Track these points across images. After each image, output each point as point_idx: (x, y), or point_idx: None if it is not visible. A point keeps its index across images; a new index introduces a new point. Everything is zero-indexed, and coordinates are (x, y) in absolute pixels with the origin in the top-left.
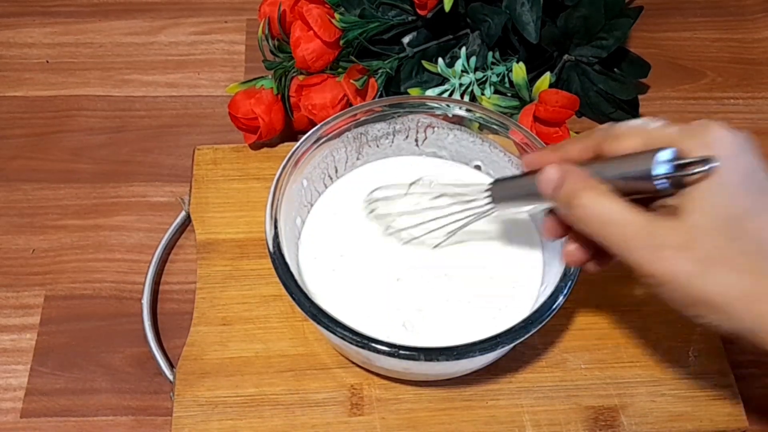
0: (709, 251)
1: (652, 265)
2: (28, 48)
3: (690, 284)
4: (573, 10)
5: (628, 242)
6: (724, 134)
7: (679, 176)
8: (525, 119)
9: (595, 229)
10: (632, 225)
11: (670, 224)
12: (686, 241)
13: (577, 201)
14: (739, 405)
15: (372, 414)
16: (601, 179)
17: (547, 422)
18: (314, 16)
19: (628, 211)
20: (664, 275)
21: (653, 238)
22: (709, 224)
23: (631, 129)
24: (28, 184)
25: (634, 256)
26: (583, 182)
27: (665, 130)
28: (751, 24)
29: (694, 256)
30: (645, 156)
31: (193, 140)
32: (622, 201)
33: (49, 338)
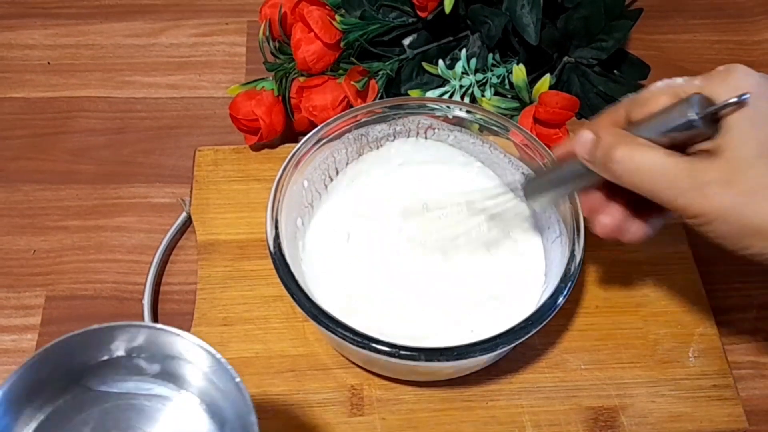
0: (753, 181)
1: (699, 204)
2: (30, 49)
3: (739, 216)
4: (573, 12)
5: (673, 187)
6: (747, 73)
7: (715, 112)
8: (525, 121)
9: (638, 181)
10: (674, 169)
11: (711, 162)
12: (729, 175)
13: (615, 156)
14: (739, 405)
15: (372, 414)
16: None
17: (547, 423)
18: (315, 17)
19: (667, 157)
20: (712, 212)
21: (697, 177)
22: (749, 155)
23: (657, 90)
24: (29, 185)
25: (680, 199)
26: (618, 137)
27: (691, 83)
28: (750, 26)
29: (740, 188)
30: (678, 106)
31: (194, 141)
32: (659, 149)
33: (50, 339)
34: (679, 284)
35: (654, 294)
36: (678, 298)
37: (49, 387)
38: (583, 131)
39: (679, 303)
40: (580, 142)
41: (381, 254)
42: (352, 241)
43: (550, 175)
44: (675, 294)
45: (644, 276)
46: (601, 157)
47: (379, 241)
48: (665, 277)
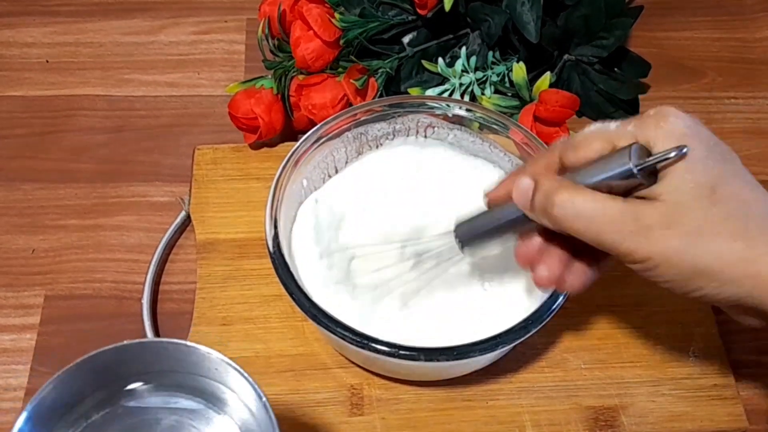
0: (695, 222)
1: (644, 248)
2: (28, 47)
3: (684, 259)
4: (573, 10)
5: (617, 230)
6: (678, 116)
7: (653, 165)
8: (525, 119)
9: (580, 226)
10: (617, 213)
11: (653, 206)
12: (672, 219)
13: (555, 201)
14: (739, 405)
15: (372, 414)
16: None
17: (547, 422)
18: (314, 15)
19: (609, 201)
20: (657, 255)
21: (640, 221)
22: (689, 198)
23: (590, 135)
24: (28, 183)
25: (625, 244)
26: (557, 182)
27: (624, 128)
28: (751, 23)
29: (683, 231)
30: (616, 155)
31: (193, 140)
32: (601, 194)
33: (49, 338)
34: None
35: (654, 293)
36: (679, 297)
37: (80, 402)
38: (521, 178)
39: (679, 302)
40: (518, 190)
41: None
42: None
43: (484, 219)
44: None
45: None
46: (541, 202)
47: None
48: None
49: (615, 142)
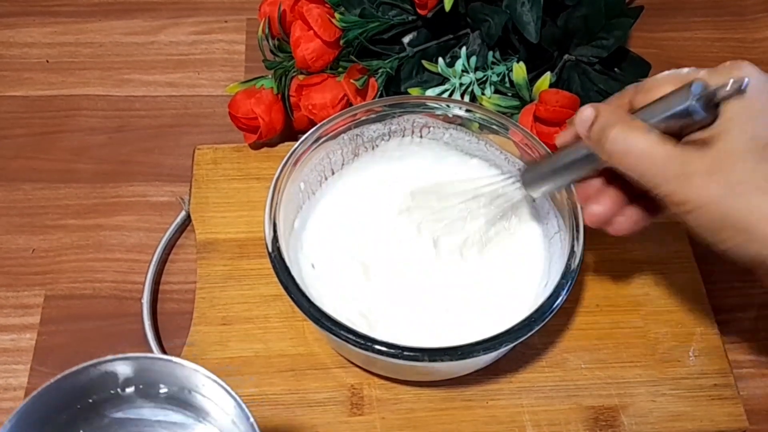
0: (737, 174)
1: (682, 192)
2: (28, 48)
3: (718, 207)
4: (573, 10)
5: (660, 173)
6: (752, 69)
7: (713, 97)
8: (525, 119)
9: (628, 163)
10: (664, 155)
11: (701, 152)
12: (715, 166)
13: (609, 135)
14: (740, 405)
15: (372, 414)
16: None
17: (547, 422)
18: (314, 15)
19: (659, 143)
20: (694, 201)
21: (684, 166)
22: (738, 149)
23: (662, 78)
24: (28, 183)
25: (665, 186)
26: (616, 117)
27: (696, 73)
28: (751, 24)
29: (723, 180)
30: (679, 91)
31: (193, 140)
32: (653, 133)
33: (49, 338)
34: (679, 283)
35: (654, 293)
36: (678, 297)
37: (62, 416)
38: (585, 107)
39: (679, 302)
40: (580, 117)
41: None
42: (350, 241)
43: (551, 161)
44: (675, 293)
45: (645, 275)
46: (597, 133)
47: (376, 240)
48: (666, 276)
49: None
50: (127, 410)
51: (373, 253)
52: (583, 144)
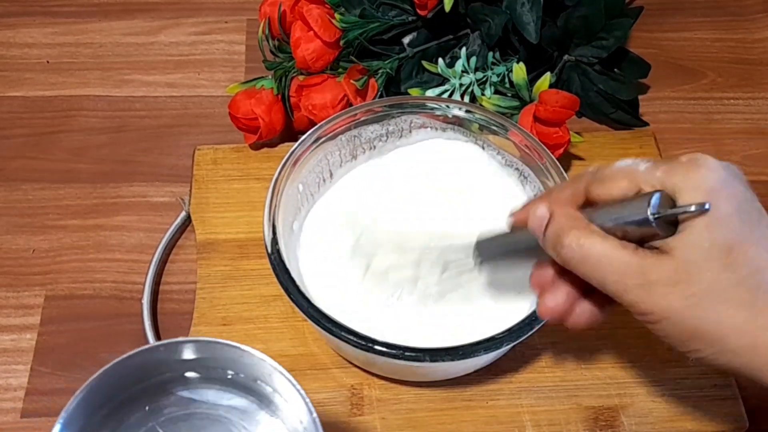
0: (702, 284)
1: (646, 303)
2: (29, 48)
3: (684, 319)
4: (573, 10)
5: (621, 281)
6: (714, 167)
7: (673, 216)
8: (525, 119)
9: (586, 270)
10: (623, 264)
11: (663, 261)
12: (679, 276)
13: (564, 240)
14: (740, 405)
15: (372, 414)
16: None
17: (547, 422)
18: (314, 16)
19: (618, 249)
20: (659, 312)
21: (645, 275)
22: (702, 257)
23: (618, 171)
24: (29, 184)
25: (628, 295)
26: (571, 221)
27: (654, 172)
28: (751, 24)
29: (688, 291)
30: (637, 201)
31: (193, 140)
32: (611, 240)
33: (50, 338)
34: None
35: None
36: None
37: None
38: (539, 206)
39: None
40: (533, 218)
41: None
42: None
43: (504, 241)
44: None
45: None
46: (552, 238)
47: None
48: None
49: (641, 185)
50: (192, 390)
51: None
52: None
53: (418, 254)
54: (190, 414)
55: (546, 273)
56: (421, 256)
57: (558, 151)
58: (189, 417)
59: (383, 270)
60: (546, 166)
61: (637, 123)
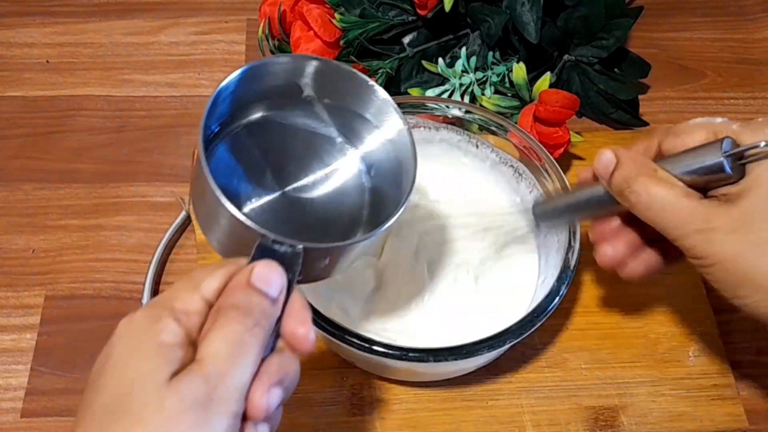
0: (759, 233)
1: (702, 248)
2: (29, 48)
3: (737, 264)
4: (573, 10)
5: (682, 227)
6: None
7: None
8: (525, 119)
9: (651, 215)
10: (687, 210)
11: (725, 208)
12: (738, 223)
13: (633, 186)
14: (739, 405)
15: (372, 414)
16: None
17: (547, 422)
18: (314, 16)
19: (683, 196)
20: (713, 256)
21: (706, 222)
22: (762, 208)
23: (695, 125)
24: (29, 184)
25: (686, 240)
26: (640, 167)
27: (729, 125)
28: (751, 24)
29: (744, 238)
30: (709, 146)
31: (193, 140)
32: (677, 187)
33: (50, 338)
34: (679, 283)
35: (655, 293)
36: (679, 297)
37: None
38: (603, 150)
39: (679, 302)
40: (600, 162)
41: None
42: None
43: (567, 198)
44: (676, 293)
45: None
46: (619, 183)
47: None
48: (666, 276)
49: (715, 135)
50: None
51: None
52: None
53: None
54: (284, 131)
55: (606, 225)
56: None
57: (558, 151)
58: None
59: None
60: (544, 167)
61: (638, 123)
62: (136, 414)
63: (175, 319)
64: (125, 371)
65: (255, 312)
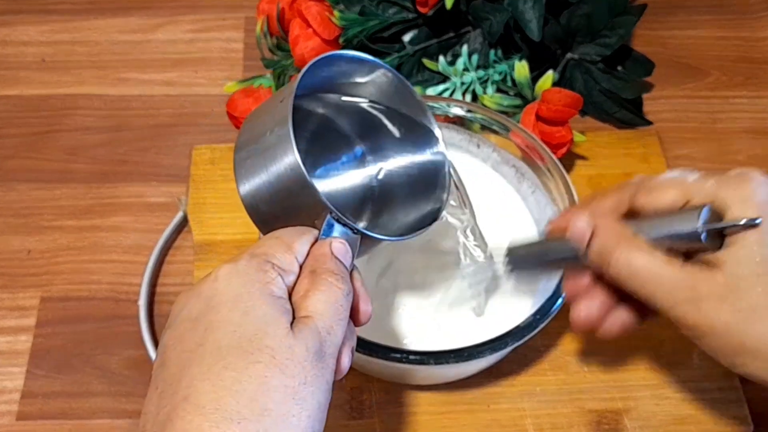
0: (750, 299)
1: (693, 318)
2: (24, 46)
3: (731, 333)
4: (576, 8)
5: (669, 297)
6: (762, 183)
7: (721, 230)
8: (527, 118)
9: (635, 286)
10: (672, 279)
11: (711, 276)
12: (726, 291)
13: (612, 258)
14: (744, 408)
15: (372, 418)
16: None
17: (549, 426)
18: (313, 13)
19: (666, 265)
20: (705, 326)
21: (693, 290)
22: (749, 273)
23: (666, 181)
24: (24, 184)
25: (675, 310)
26: (617, 237)
27: (703, 184)
28: (755, 22)
29: (735, 306)
30: (686, 214)
31: (190, 140)
32: (659, 255)
33: (45, 340)
34: None
35: None
36: None
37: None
38: (580, 217)
39: None
40: (575, 230)
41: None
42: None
43: (538, 248)
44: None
45: None
46: (597, 255)
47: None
48: None
49: (691, 196)
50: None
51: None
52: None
53: (442, 258)
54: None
55: (580, 281)
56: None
57: (561, 150)
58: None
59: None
60: (547, 167)
61: (641, 122)
62: (270, 355)
63: (279, 274)
64: (250, 313)
65: (348, 280)
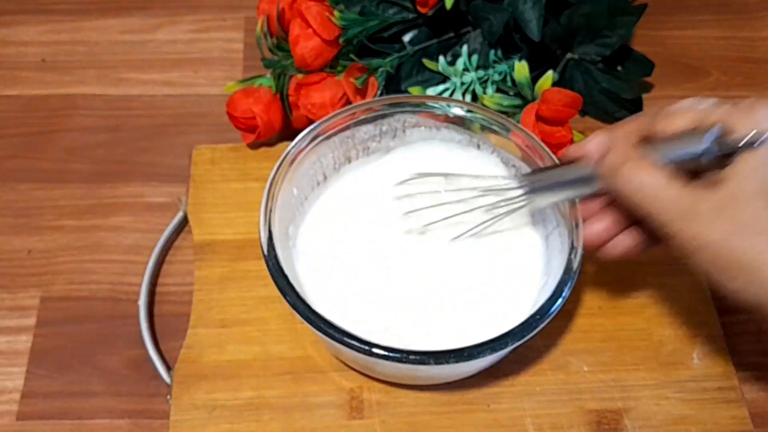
0: (744, 216)
1: (689, 231)
2: (24, 46)
3: (723, 246)
4: (576, 8)
5: (668, 212)
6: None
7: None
8: (527, 118)
9: (636, 200)
10: (673, 195)
11: (710, 192)
12: (723, 206)
13: (620, 171)
14: (744, 408)
15: (372, 418)
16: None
17: (549, 426)
18: (313, 13)
19: (669, 182)
20: (699, 238)
21: (692, 205)
22: (747, 190)
23: (683, 107)
24: (24, 184)
25: (672, 224)
26: (627, 153)
27: (715, 109)
28: (756, 22)
29: (729, 220)
30: (696, 134)
31: (190, 140)
32: (664, 173)
33: (45, 340)
34: (683, 285)
35: (658, 295)
36: (682, 299)
37: None
38: (595, 135)
39: (683, 304)
40: (593, 144)
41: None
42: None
43: (555, 173)
44: (679, 295)
45: (648, 276)
46: (608, 169)
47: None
48: (670, 277)
49: (704, 119)
50: None
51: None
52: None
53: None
54: None
55: (593, 204)
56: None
57: (561, 150)
58: None
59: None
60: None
61: None
62: None
63: None
64: None
65: None
